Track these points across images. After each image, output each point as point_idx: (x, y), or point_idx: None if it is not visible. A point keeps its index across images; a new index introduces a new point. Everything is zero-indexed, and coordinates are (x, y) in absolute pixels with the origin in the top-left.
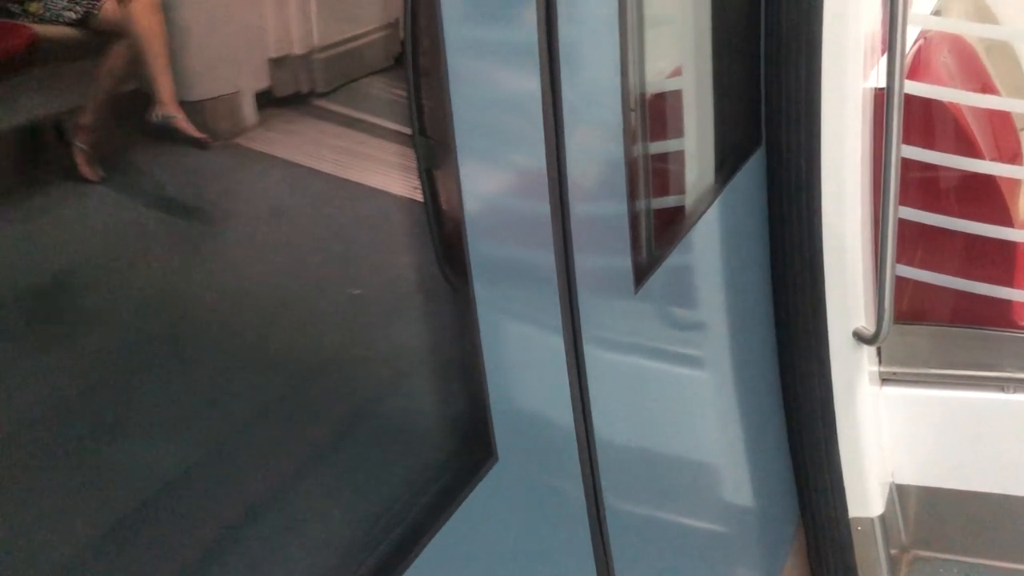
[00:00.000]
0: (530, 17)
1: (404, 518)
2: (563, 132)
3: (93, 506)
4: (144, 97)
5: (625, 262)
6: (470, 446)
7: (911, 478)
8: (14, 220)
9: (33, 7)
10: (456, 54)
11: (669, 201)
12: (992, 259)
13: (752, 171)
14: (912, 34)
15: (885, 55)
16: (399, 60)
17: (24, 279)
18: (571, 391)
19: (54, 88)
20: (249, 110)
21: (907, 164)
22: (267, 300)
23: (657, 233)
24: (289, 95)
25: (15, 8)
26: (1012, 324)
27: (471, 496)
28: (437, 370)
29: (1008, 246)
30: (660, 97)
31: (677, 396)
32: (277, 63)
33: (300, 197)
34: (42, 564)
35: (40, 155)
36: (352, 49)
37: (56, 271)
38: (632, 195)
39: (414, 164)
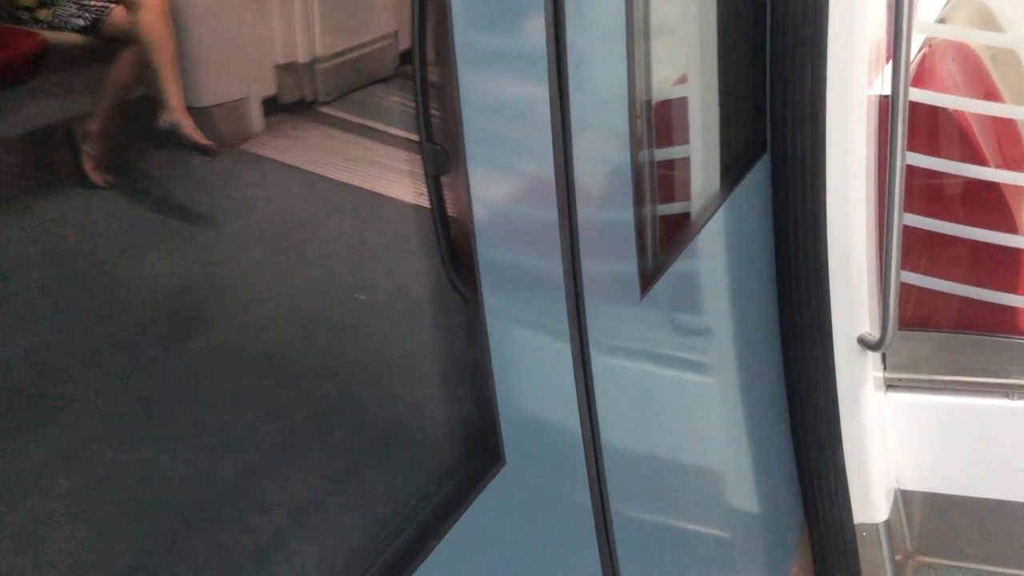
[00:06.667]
0: (539, 25)
1: (413, 520)
2: (571, 139)
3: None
4: (152, 103)
5: (631, 268)
6: (478, 450)
7: (916, 484)
8: (22, 224)
9: (42, 14)
10: (466, 62)
11: (675, 207)
12: (997, 266)
13: (757, 178)
14: (917, 42)
15: (890, 63)
16: (405, 68)
17: (28, 283)
18: (578, 396)
19: (63, 94)
20: (256, 116)
21: (912, 171)
22: (273, 305)
23: (663, 239)
24: (295, 102)
25: (25, 15)
26: (1017, 331)
27: (479, 499)
28: (446, 374)
29: (1012, 253)
30: (666, 104)
31: (683, 401)
32: (284, 70)
33: (307, 203)
34: None
35: (49, 161)
36: (359, 57)
37: (61, 275)
38: (638, 201)
39: (421, 171)
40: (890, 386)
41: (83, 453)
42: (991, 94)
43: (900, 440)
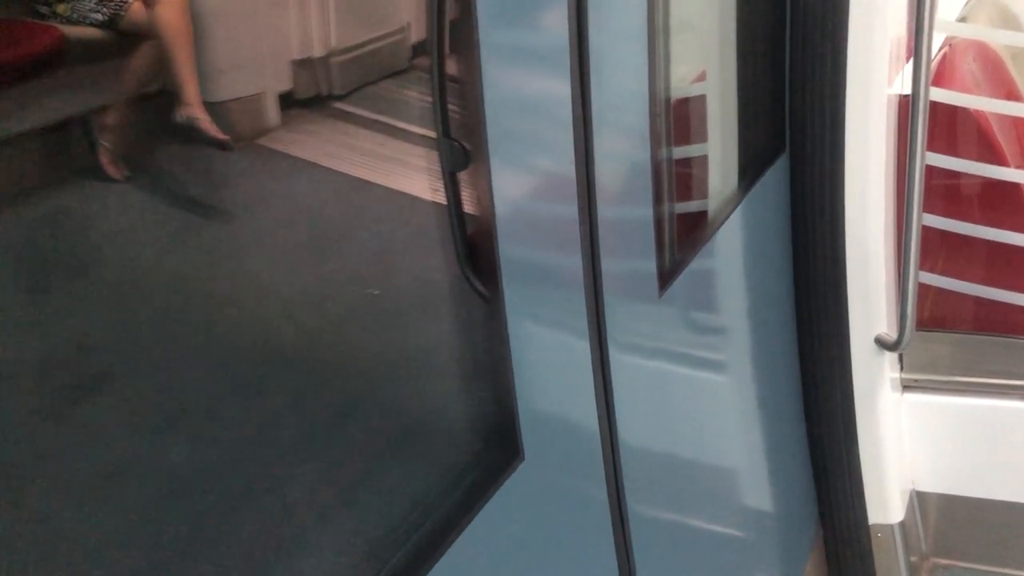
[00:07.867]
0: (561, 23)
1: (433, 515)
2: (592, 136)
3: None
4: (169, 98)
5: (650, 265)
6: (497, 446)
7: (932, 485)
8: (39, 217)
9: (61, 8)
10: (490, 59)
11: (693, 206)
12: (1015, 267)
13: (776, 177)
14: (937, 41)
15: (910, 62)
16: (422, 63)
17: (43, 275)
18: (596, 392)
19: (81, 88)
20: (272, 111)
21: (931, 171)
22: (290, 301)
23: (681, 237)
24: (311, 97)
25: (44, 9)
26: None
27: (497, 494)
28: (466, 370)
29: None
30: (685, 102)
31: (699, 399)
32: (299, 65)
33: (323, 199)
34: None
35: (66, 154)
36: (374, 51)
37: (76, 267)
38: (657, 199)
39: (437, 167)
40: (907, 387)
41: (111, 448)
42: (1012, 94)
43: (916, 441)
